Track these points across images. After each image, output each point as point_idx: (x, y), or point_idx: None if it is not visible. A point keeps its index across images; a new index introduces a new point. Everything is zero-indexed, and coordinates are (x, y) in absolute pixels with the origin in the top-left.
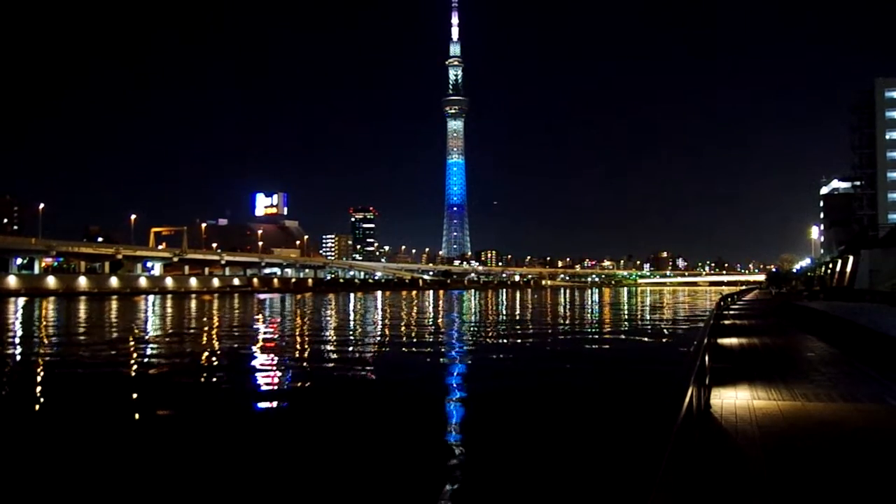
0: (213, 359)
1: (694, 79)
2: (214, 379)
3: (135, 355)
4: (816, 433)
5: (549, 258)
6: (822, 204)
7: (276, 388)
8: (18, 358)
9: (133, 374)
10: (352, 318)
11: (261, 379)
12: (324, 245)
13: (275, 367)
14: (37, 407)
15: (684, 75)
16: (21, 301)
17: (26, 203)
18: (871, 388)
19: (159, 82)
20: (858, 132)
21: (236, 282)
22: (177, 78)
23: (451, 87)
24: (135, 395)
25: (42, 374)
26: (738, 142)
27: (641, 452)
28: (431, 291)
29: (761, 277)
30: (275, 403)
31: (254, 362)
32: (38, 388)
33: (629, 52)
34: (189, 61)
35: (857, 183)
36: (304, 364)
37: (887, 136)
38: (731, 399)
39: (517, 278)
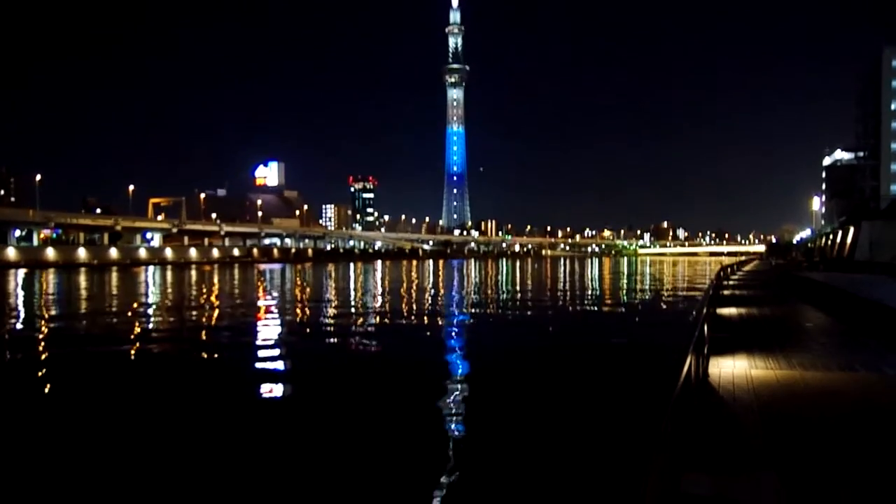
0: (213, 332)
1: (696, 49)
2: (215, 355)
3: (134, 328)
4: (813, 402)
5: (549, 228)
6: (824, 175)
7: (274, 365)
8: (18, 332)
9: (130, 348)
10: (352, 288)
11: (259, 355)
12: (323, 215)
13: (273, 342)
14: (35, 383)
15: (687, 46)
16: (21, 273)
17: (22, 174)
18: (868, 358)
19: (157, 52)
20: (864, 102)
21: (236, 252)
22: (175, 47)
23: (450, 55)
24: (129, 372)
25: (42, 347)
26: (741, 112)
27: (641, 419)
28: (431, 261)
29: (762, 248)
30: (273, 384)
31: (253, 336)
32: (38, 364)
33: (630, 23)
34: (187, 31)
35: (861, 154)
36: (304, 339)
37: (893, 107)
38: (730, 368)
39: (517, 248)
